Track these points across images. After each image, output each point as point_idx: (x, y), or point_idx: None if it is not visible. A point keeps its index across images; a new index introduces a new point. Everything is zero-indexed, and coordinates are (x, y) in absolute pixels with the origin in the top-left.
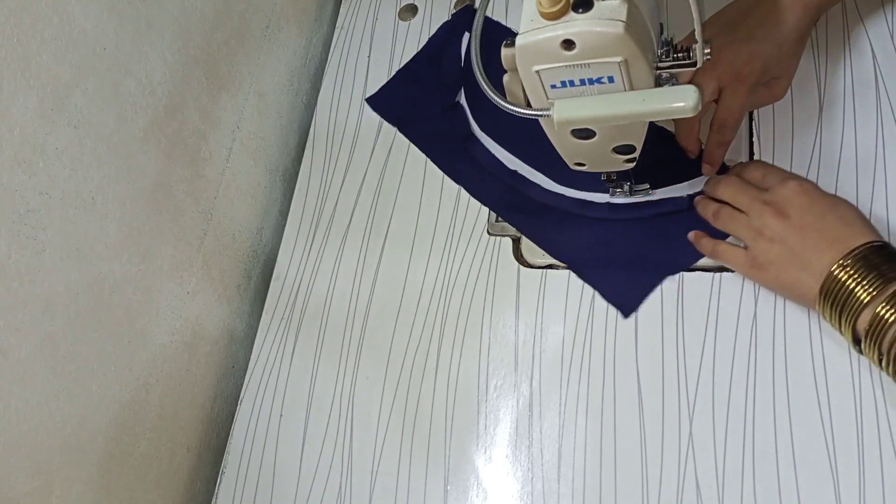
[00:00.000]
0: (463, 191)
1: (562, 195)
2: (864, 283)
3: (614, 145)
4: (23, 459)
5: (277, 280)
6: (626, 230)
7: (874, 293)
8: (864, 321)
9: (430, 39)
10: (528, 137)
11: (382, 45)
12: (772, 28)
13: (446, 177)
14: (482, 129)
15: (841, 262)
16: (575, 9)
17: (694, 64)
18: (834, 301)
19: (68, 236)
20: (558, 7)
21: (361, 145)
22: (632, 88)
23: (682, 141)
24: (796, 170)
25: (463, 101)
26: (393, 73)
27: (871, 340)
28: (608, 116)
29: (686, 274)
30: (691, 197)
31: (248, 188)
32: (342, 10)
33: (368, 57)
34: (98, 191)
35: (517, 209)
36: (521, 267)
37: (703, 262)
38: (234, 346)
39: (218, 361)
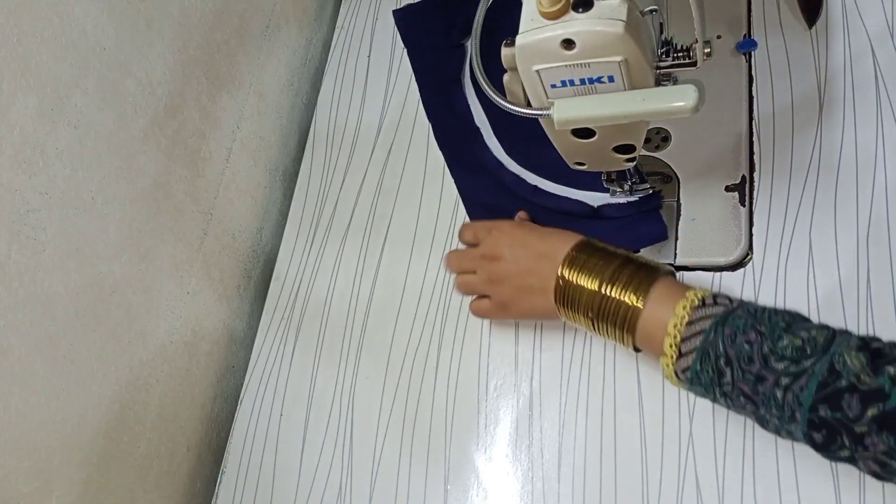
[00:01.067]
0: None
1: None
2: (585, 277)
3: (614, 145)
4: (23, 459)
5: (277, 280)
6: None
7: (596, 280)
8: (594, 305)
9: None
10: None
11: (382, 45)
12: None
13: (446, 177)
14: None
15: (558, 273)
16: (575, 8)
17: (694, 63)
18: (566, 304)
19: (68, 236)
20: (558, 7)
21: (361, 145)
22: (632, 88)
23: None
24: (796, 170)
25: (468, 44)
26: (393, 72)
27: (605, 320)
28: (608, 116)
29: (686, 274)
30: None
31: (248, 188)
32: (342, 10)
33: (368, 57)
34: (98, 191)
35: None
36: None
37: (699, 261)
38: (234, 346)
39: (218, 361)
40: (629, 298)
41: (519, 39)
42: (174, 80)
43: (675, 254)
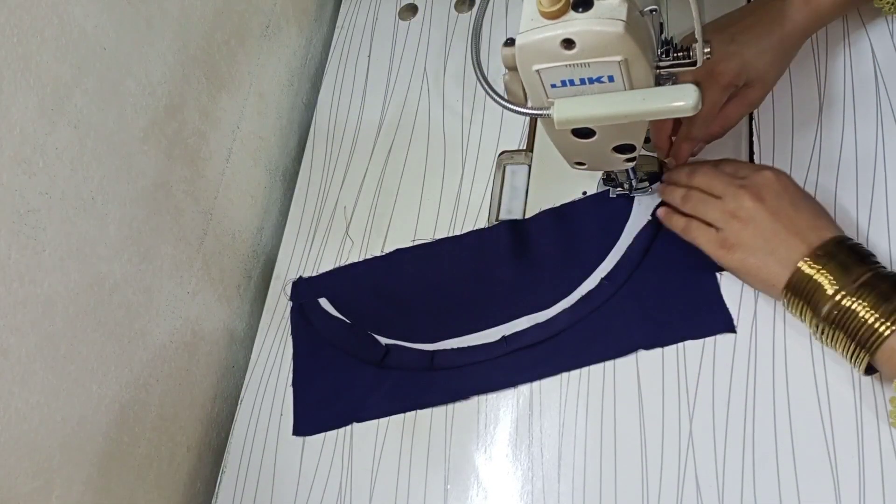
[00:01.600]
0: (463, 191)
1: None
2: (831, 277)
3: (614, 144)
4: (23, 459)
5: (277, 280)
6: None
7: (838, 287)
8: (827, 312)
9: (294, 336)
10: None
11: (382, 45)
12: (756, 35)
13: (446, 177)
14: (432, 340)
15: (809, 256)
16: (575, 8)
17: (694, 63)
18: (800, 293)
19: (68, 236)
20: (558, 6)
21: (361, 145)
22: (632, 88)
23: (654, 137)
24: (796, 170)
25: (388, 341)
26: (393, 72)
27: (835, 327)
28: (608, 116)
29: None
30: (505, 341)
31: (248, 188)
32: (342, 10)
33: (368, 57)
34: (98, 191)
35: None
36: None
37: None
38: (234, 346)
39: (218, 361)
40: (880, 317)
41: (519, 39)
42: (174, 80)
43: None
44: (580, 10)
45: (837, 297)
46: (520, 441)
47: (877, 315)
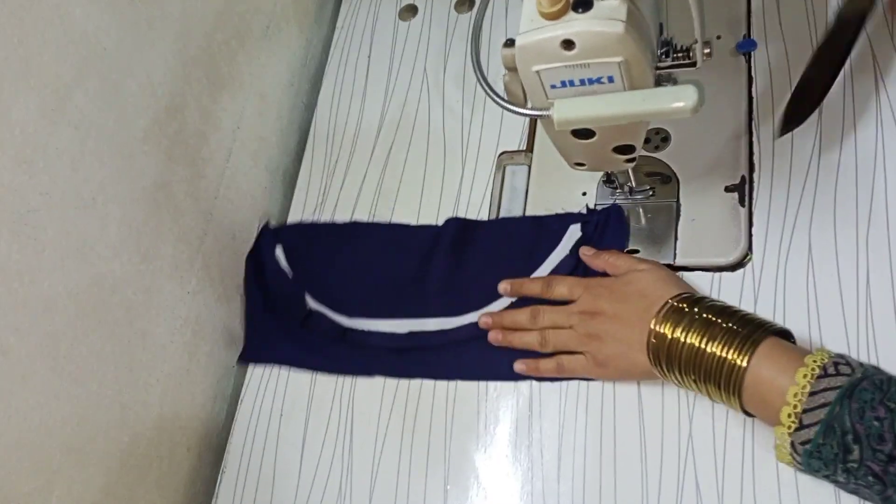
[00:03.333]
0: (463, 191)
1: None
2: (682, 331)
3: (614, 145)
4: (23, 459)
5: None
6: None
7: (695, 335)
8: (693, 363)
9: (245, 273)
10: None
11: (382, 45)
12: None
13: (446, 177)
14: (350, 315)
15: (651, 328)
16: (575, 9)
17: (694, 64)
18: (663, 363)
19: (68, 236)
20: (558, 7)
21: (361, 145)
22: (632, 88)
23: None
24: (796, 171)
25: (314, 304)
26: (393, 72)
27: (708, 380)
28: (608, 116)
29: (686, 274)
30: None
31: (248, 188)
32: (342, 10)
33: (368, 57)
34: (98, 191)
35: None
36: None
37: (699, 261)
38: (234, 346)
39: (218, 361)
40: (734, 356)
41: (519, 40)
42: (175, 81)
43: (675, 254)
44: (580, 10)
45: (696, 345)
46: (520, 441)
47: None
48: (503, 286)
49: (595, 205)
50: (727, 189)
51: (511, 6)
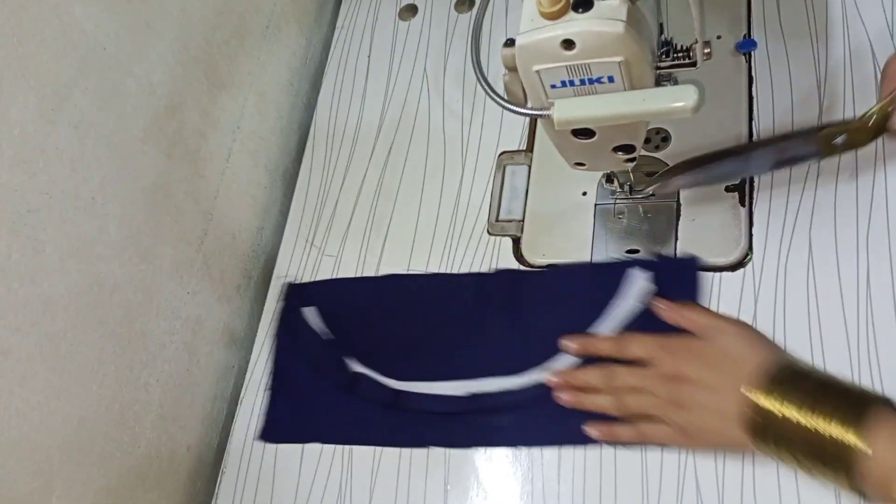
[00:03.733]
0: (463, 191)
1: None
2: (787, 407)
3: (614, 145)
4: (23, 459)
5: (277, 280)
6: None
7: (800, 410)
8: (800, 441)
9: (277, 342)
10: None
11: (382, 45)
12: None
13: (446, 177)
14: (401, 377)
15: (755, 398)
16: (575, 8)
17: (694, 63)
18: (766, 439)
19: (68, 236)
20: (558, 7)
21: (361, 145)
22: (632, 88)
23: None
24: (796, 171)
25: (358, 367)
26: (393, 72)
27: (815, 458)
28: (608, 116)
29: None
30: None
31: (248, 188)
32: (342, 10)
33: (368, 57)
34: (98, 191)
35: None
36: (522, 267)
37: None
38: (234, 347)
39: (218, 361)
40: (850, 437)
41: (519, 40)
42: (174, 81)
43: (675, 254)
44: (580, 10)
45: (804, 422)
46: None
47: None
48: (569, 345)
49: (596, 203)
50: (728, 189)
51: (511, 6)
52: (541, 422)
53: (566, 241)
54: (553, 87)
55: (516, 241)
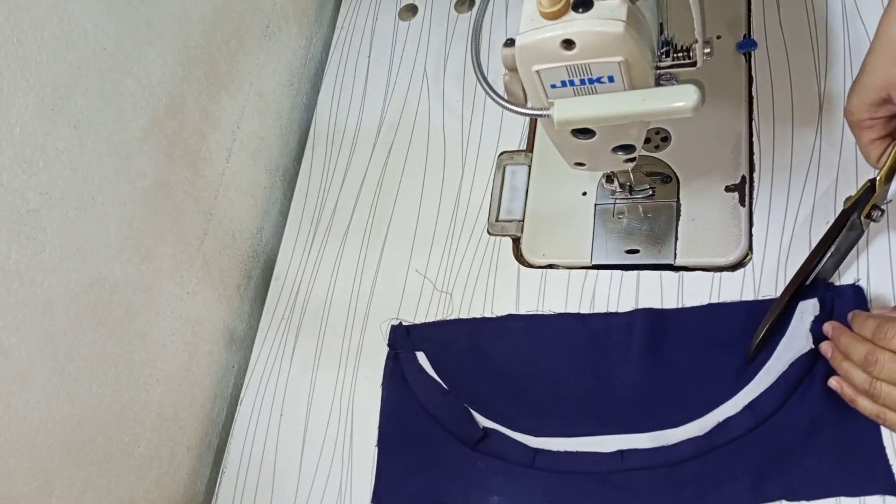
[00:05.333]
0: (463, 191)
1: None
2: None
3: (614, 145)
4: (23, 459)
5: (277, 280)
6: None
7: None
8: None
9: (386, 393)
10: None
11: (382, 45)
12: None
13: (446, 177)
14: (537, 433)
15: None
16: (575, 8)
17: (694, 63)
18: None
19: (68, 236)
20: (558, 7)
21: (361, 145)
22: (632, 88)
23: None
24: (796, 170)
25: (488, 422)
26: (393, 72)
27: None
28: (608, 116)
29: (686, 274)
30: (621, 456)
31: (248, 188)
32: (342, 10)
33: (368, 57)
34: (98, 191)
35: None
36: (522, 266)
37: (699, 261)
38: (234, 346)
39: (218, 361)
40: None
41: (519, 40)
42: (174, 80)
43: (675, 254)
44: (580, 10)
45: None
46: None
47: None
48: (826, 326)
49: (596, 203)
50: (727, 189)
51: (511, 6)
52: (695, 481)
53: (566, 241)
54: (553, 87)
55: (516, 241)
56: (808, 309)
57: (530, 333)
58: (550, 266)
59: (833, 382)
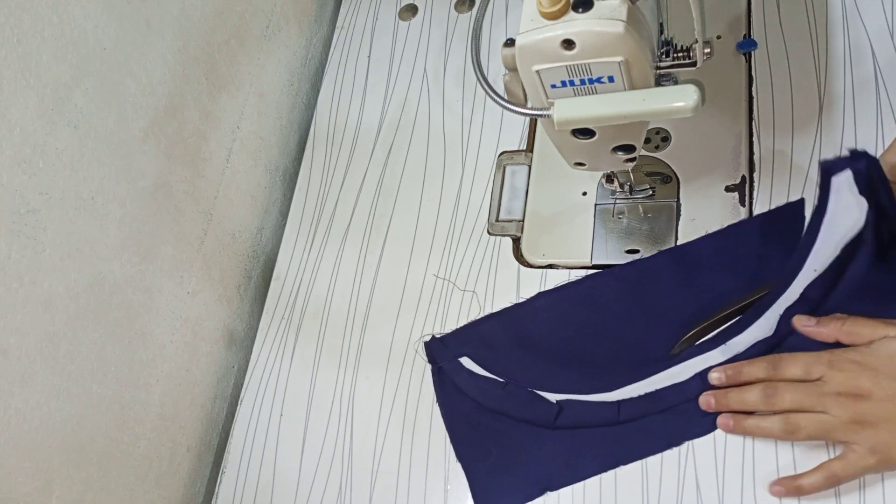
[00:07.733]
0: (463, 191)
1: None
2: None
3: (614, 145)
4: (23, 459)
5: (277, 280)
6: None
7: None
8: None
9: (444, 408)
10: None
11: (382, 45)
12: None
13: (446, 177)
14: (607, 390)
15: None
16: (575, 8)
17: (694, 63)
18: None
19: (68, 236)
20: (558, 7)
21: (361, 145)
22: (632, 88)
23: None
24: (796, 170)
25: (556, 396)
26: (393, 72)
27: None
28: (608, 116)
29: None
30: (701, 377)
31: (248, 188)
32: (342, 10)
33: (368, 57)
34: (98, 191)
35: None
36: (521, 266)
37: None
38: (234, 347)
39: (218, 361)
40: None
41: (519, 39)
42: (174, 81)
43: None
44: (580, 10)
45: None
46: None
47: None
48: (716, 377)
49: (596, 203)
50: (727, 189)
51: (511, 6)
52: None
53: (566, 241)
54: (553, 87)
55: (516, 241)
56: (842, 184)
57: (565, 302)
58: (550, 266)
59: (723, 422)
